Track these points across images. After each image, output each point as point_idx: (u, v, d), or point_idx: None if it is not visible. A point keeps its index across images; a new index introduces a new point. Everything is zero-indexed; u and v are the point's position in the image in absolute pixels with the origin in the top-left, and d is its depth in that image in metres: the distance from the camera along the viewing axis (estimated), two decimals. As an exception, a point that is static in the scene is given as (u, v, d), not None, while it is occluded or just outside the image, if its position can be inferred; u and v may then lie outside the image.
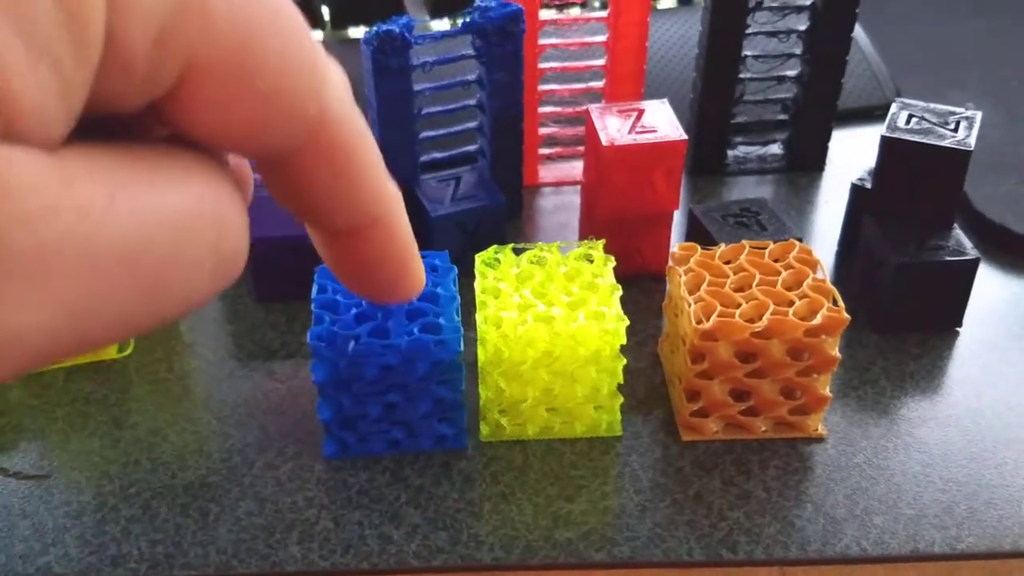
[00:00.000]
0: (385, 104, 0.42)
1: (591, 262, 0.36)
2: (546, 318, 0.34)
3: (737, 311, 0.34)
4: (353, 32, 0.59)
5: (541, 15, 0.47)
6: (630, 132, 0.41)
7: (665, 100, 0.43)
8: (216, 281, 0.19)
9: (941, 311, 0.41)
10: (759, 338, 0.34)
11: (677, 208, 0.42)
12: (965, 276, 0.40)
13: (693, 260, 0.37)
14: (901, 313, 0.41)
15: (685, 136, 0.41)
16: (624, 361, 0.35)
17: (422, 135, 0.44)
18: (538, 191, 0.51)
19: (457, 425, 0.36)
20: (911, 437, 0.36)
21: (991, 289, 0.43)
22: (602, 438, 0.36)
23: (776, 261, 0.37)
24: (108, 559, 0.32)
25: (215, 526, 0.33)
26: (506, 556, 0.32)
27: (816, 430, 0.36)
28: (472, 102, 0.45)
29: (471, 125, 0.46)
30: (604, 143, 0.40)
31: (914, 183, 0.40)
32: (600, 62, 0.49)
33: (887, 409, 0.38)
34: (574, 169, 0.51)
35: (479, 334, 0.34)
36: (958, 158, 0.39)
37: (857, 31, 0.55)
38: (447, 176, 0.45)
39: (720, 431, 0.37)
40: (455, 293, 0.34)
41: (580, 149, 0.50)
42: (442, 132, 0.45)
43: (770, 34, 0.48)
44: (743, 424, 0.36)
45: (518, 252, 0.36)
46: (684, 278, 0.36)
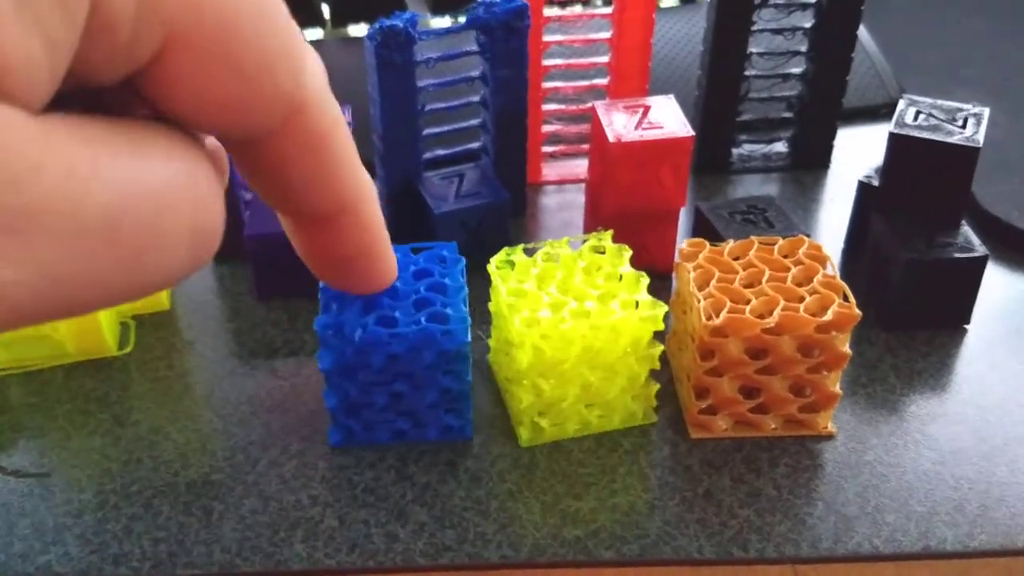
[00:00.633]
0: (388, 100, 0.42)
1: (602, 254, 0.36)
2: (583, 313, 0.33)
3: (747, 307, 0.34)
4: (353, 30, 0.59)
5: (545, 12, 0.46)
6: (636, 128, 0.41)
7: (671, 96, 0.43)
8: (193, 256, 0.19)
9: (950, 308, 0.41)
10: (769, 334, 0.34)
11: (684, 205, 0.42)
12: (974, 273, 0.40)
13: (702, 256, 0.37)
14: (910, 310, 0.40)
15: (692, 132, 0.40)
16: (661, 347, 0.35)
17: (425, 132, 0.44)
18: (541, 189, 0.50)
19: (463, 416, 0.35)
20: (921, 434, 0.36)
21: (998, 287, 0.43)
22: (608, 435, 0.36)
23: (785, 257, 0.37)
24: (110, 558, 0.32)
25: (219, 524, 0.33)
26: (514, 554, 0.32)
27: (826, 427, 0.36)
28: (476, 99, 0.45)
29: (475, 122, 0.45)
30: (611, 139, 0.40)
31: (922, 180, 0.40)
32: (604, 59, 0.49)
33: (897, 406, 0.37)
34: (578, 167, 0.51)
35: (516, 338, 0.33)
36: (967, 155, 0.39)
37: (861, 30, 0.55)
38: (451, 173, 0.45)
39: (729, 428, 0.36)
40: (463, 284, 0.34)
41: (584, 147, 0.50)
42: (446, 129, 0.45)
43: (775, 31, 0.48)
44: (752, 421, 0.36)
45: (530, 253, 0.36)
46: (693, 274, 0.36)
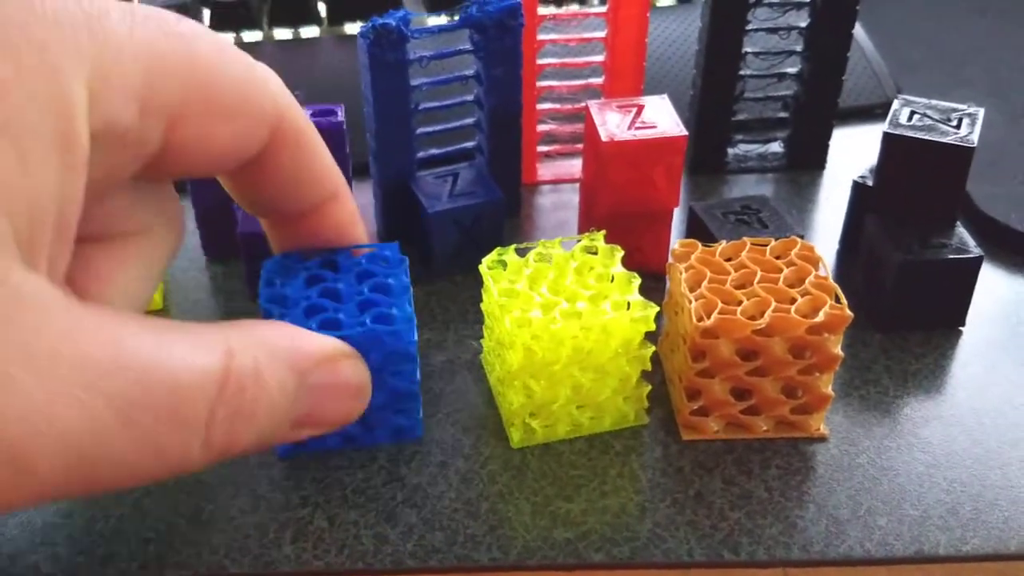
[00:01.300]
0: (381, 99, 0.42)
1: (595, 254, 0.36)
2: (574, 314, 0.33)
3: (738, 308, 0.34)
4: (349, 28, 0.59)
5: (539, 10, 0.46)
6: (630, 128, 0.40)
7: (665, 96, 0.42)
8: (207, 454, 0.23)
9: (944, 310, 0.40)
10: (761, 335, 0.34)
11: (677, 205, 0.42)
12: (969, 274, 0.39)
13: (694, 257, 0.36)
14: (904, 312, 0.40)
15: (685, 132, 0.40)
16: (652, 348, 0.34)
17: (419, 131, 0.44)
18: (536, 189, 0.50)
19: (412, 416, 0.35)
20: (914, 437, 0.36)
21: (994, 288, 0.43)
22: (600, 437, 0.36)
23: (778, 258, 0.36)
24: (98, 558, 0.32)
25: (207, 525, 0.33)
26: (503, 556, 0.32)
27: (818, 430, 0.36)
28: (470, 98, 0.45)
29: (469, 121, 0.45)
30: (603, 139, 0.40)
31: (917, 180, 0.40)
32: (599, 58, 0.49)
33: (890, 409, 0.37)
34: (573, 167, 0.51)
35: (507, 339, 0.33)
36: (961, 155, 0.39)
37: (857, 30, 0.55)
38: (444, 172, 0.45)
39: (721, 430, 0.36)
40: (407, 283, 0.33)
41: (579, 147, 0.50)
42: (439, 128, 0.45)
43: (771, 31, 0.48)
44: (744, 423, 0.36)
45: (522, 253, 0.36)
46: (685, 275, 0.36)
